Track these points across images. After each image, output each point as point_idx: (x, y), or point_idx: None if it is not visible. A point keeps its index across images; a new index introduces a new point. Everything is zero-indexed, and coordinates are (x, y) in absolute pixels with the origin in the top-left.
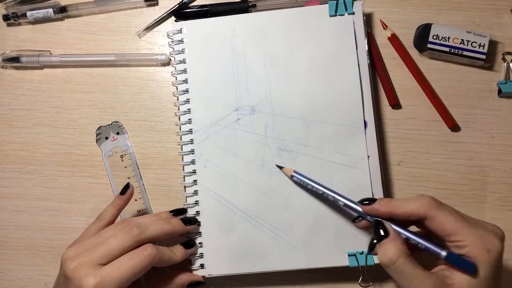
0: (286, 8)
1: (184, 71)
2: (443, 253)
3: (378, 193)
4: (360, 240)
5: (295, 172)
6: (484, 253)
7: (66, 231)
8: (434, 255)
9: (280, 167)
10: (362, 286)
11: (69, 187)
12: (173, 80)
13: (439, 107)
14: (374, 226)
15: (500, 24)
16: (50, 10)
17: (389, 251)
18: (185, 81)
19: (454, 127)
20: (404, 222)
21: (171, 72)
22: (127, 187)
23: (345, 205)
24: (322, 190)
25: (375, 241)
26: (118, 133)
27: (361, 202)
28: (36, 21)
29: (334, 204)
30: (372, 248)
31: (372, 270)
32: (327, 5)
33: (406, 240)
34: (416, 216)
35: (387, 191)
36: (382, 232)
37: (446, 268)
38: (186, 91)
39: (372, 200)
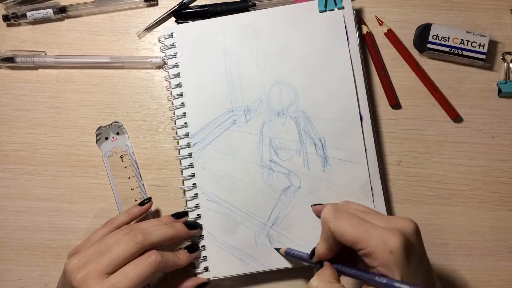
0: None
1: (178, 75)
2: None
3: (377, 186)
4: None
5: (288, 249)
6: (388, 256)
7: (66, 231)
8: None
9: (278, 249)
10: None
11: (69, 188)
12: (167, 85)
13: (441, 99)
14: (317, 269)
15: (500, 24)
16: (50, 11)
17: (313, 281)
18: (179, 85)
19: (456, 118)
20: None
21: (165, 77)
22: (148, 200)
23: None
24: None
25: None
26: (118, 133)
27: (309, 256)
28: (36, 22)
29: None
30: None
31: None
32: (316, 1)
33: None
34: (332, 235)
35: (387, 191)
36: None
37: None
38: (181, 95)
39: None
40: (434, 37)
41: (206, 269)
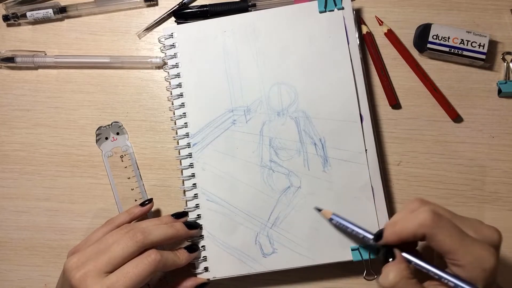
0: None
1: (178, 75)
2: None
3: (378, 187)
4: None
5: (333, 214)
6: (480, 273)
7: (66, 231)
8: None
9: (319, 210)
10: (367, 279)
11: (69, 188)
12: (167, 85)
13: (441, 99)
14: (384, 251)
15: (500, 24)
16: (50, 11)
17: (391, 274)
18: (179, 85)
19: (457, 118)
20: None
21: (165, 77)
22: (149, 201)
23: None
24: (361, 233)
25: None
26: (118, 133)
27: (374, 238)
28: (36, 22)
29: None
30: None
31: (375, 263)
32: (316, 1)
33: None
34: (420, 235)
35: (387, 191)
36: (390, 257)
37: (439, 284)
38: (181, 95)
39: (381, 233)
40: (434, 37)
41: (206, 269)
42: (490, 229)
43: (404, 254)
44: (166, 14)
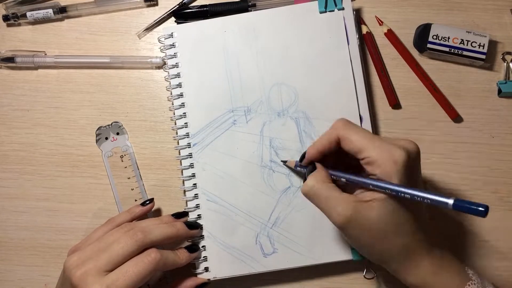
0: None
1: (178, 75)
2: (450, 201)
3: None
4: None
5: (296, 162)
6: (392, 165)
7: (66, 231)
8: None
9: (285, 162)
10: (367, 278)
11: (69, 188)
12: (167, 85)
13: (441, 99)
14: (308, 170)
15: (500, 24)
16: (50, 11)
17: (309, 181)
18: (179, 85)
19: (456, 118)
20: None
21: (165, 77)
22: (150, 201)
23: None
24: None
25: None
26: (118, 134)
27: (299, 159)
28: (36, 22)
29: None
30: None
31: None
32: (317, 1)
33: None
34: (335, 141)
35: None
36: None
37: (362, 190)
38: (181, 95)
39: (303, 155)
40: (434, 37)
41: (206, 269)
42: (406, 140)
43: (320, 166)
44: (166, 14)
